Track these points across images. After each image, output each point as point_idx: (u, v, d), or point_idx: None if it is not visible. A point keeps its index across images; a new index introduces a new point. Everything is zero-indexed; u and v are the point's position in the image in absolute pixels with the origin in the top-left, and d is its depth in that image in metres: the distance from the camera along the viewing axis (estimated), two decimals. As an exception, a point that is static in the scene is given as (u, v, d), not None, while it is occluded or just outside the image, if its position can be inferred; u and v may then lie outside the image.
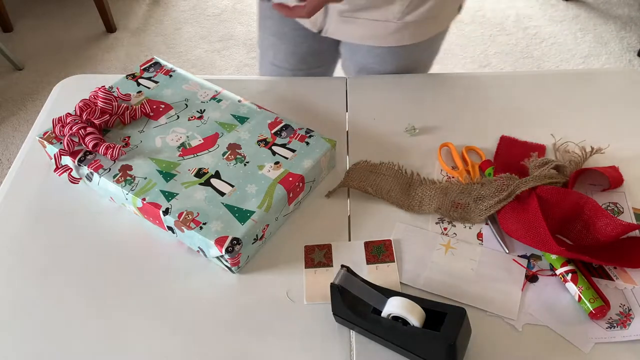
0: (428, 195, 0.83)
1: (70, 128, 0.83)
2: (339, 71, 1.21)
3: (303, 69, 1.16)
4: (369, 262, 0.76)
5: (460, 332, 0.61)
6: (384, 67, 1.08)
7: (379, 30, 0.99)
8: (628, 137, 0.91)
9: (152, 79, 0.96)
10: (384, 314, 0.65)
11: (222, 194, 0.77)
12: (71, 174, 0.84)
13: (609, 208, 0.81)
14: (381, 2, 0.94)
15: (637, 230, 0.77)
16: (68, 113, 0.86)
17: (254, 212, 0.75)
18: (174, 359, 0.68)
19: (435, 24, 1.03)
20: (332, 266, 0.76)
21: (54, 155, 0.82)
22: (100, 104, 0.86)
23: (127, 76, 0.96)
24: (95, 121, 0.84)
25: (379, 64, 1.08)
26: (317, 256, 0.77)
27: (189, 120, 0.88)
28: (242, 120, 0.88)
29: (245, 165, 0.81)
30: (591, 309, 0.68)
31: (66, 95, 1.04)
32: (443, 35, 1.10)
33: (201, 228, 0.73)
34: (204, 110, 0.90)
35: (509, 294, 0.71)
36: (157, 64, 0.99)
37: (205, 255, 0.76)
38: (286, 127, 0.87)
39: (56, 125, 0.85)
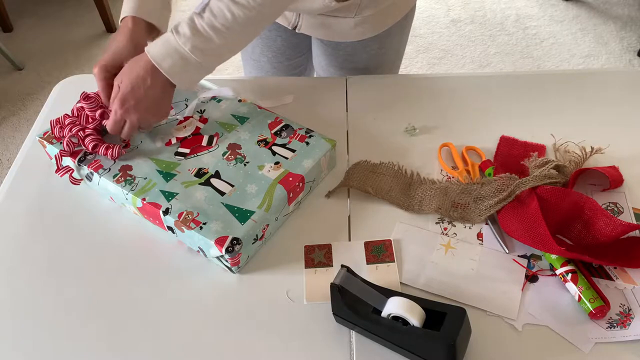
0: (428, 195, 0.83)
1: (70, 130, 0.83)
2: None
3: (282, 61, 1.18)
4: (369, 262, 0.76)
5: (460, 332, 0.61)
6: (356, 58, 1.09)
7: (342, 26, 1.00)
8: (628, 137, 0.91)
9: (152, 79, 0.96)
10: (384, 314, 0.65)
11: (222, 193, 0.77)
12: (72, 174, 0.84)
13: (609, 208, 0.81)
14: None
15: (637, 230, 0.77)
16: (66, 114, 0.86)
17: (254, 212, 0.75)
18: (174, 359, 0.68)
19: (395, 11, 1.04)
20: (332, 266, 0.76)
21: (55, 156, 0.82)
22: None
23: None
24: (90, 126, 0.84)
25: (350, 56, 1.09)
26: (317, 256, 0.77)
27: (189, 120, 0.88)
28: (242, 120, 0.88)
29: (245, 165, 0.81)
30: (591, 309, 0.67)
31: (66, 95, 1.04)
32: (411, 17, 1.10)
33: (201, 228, 0.73)
34: (204, 110, 0.90)
35: (509, 294, 0.71)
36: (157, 64, 0.99)
37: (205, 255, 0.76)
38: (286, 127, 0.87)
39: (55, 126, 0.84)
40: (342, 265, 0.68)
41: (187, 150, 0.83)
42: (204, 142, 0.84)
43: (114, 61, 0.81)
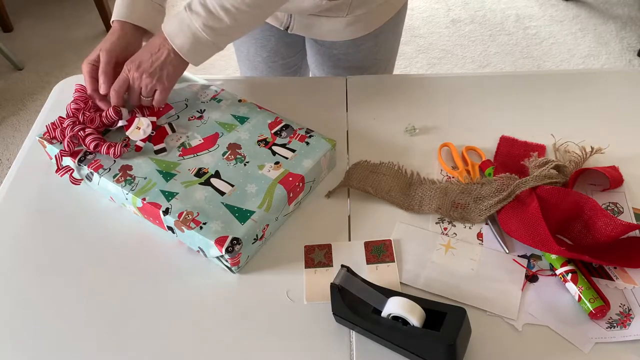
0: (428, 195, 0.83)
1: (71, 129, 0.82)
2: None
3: (277, 60, 1.18)
4: (369, 262, 0.76)
5: (460, 332, 0.61)
6: (350, 57, 1.09)
7: (334, 25, 1.00)
8: (628, 137, 0.91)
9: (152, 79, 0.96)
10: (384, 314, 0.65)
11: (222, 193, 0.77)
12: (72, 174, 0.84)
13: (609, 208, 0.81)
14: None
15: (637, 230, 0.77)
16: (61, 116, 0.85)
17: (254, 212, 0.75)
18: (174, 359, 0.68)
19: (387, 10, 1.04)
20: (332, 266, 0.76)
21: (55, 156, 0.82)
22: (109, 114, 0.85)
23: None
24: (92, 126, 0.84)
25: (344, 55, 1.09)
26: (317, 256, 0.77)
27: (189, 120, 0.88)
28: (242, 120, 0.88)
29: (245, 165, 0.81)
30: (591, 309, 0.68)
31: (66, 95, 1.04)
32: (403, 14, 1.10)
33: (201, 228, 0.73)
34: (204, 110, 0.90)
35: (509, 294, 0.71)
36: (157, 64, 0.99)
37: (205, 255, 0.76)
38: (286, 127, 0.87)
39: (56, 129, 0.84)
40: (342, 265, 0.68)
41: (163, 145, 0.84)
42: (169, 131, 0.86)
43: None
